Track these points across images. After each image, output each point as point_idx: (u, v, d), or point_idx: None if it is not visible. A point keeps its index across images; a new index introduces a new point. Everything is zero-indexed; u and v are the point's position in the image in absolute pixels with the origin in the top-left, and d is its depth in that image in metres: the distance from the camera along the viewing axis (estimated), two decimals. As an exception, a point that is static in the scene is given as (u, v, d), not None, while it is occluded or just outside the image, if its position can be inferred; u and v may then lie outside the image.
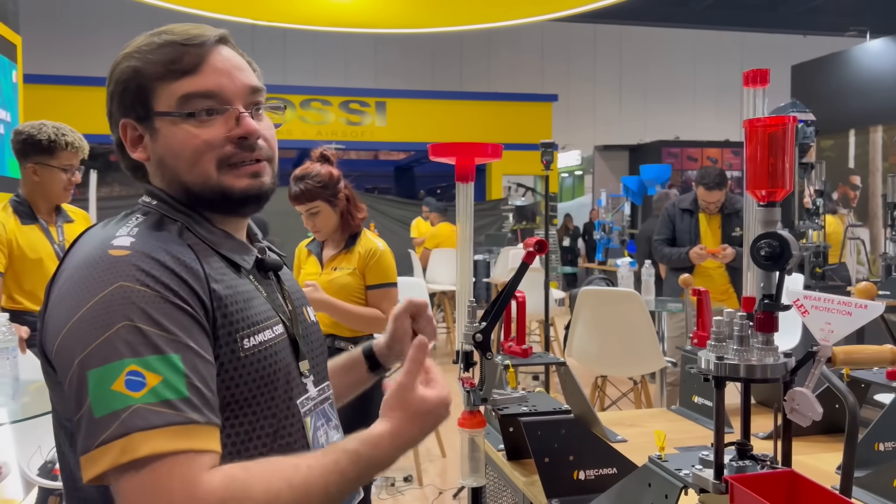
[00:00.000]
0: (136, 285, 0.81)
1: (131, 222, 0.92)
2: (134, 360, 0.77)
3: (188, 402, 0.78)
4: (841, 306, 0.96)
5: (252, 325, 0.91)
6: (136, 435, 0.74)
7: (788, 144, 0.97)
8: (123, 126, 0.97)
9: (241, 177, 0.96)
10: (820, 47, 12.28)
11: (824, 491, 0.92)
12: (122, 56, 0.96)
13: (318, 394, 1.04)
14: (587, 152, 15.42)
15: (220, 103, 0.94)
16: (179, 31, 0.96)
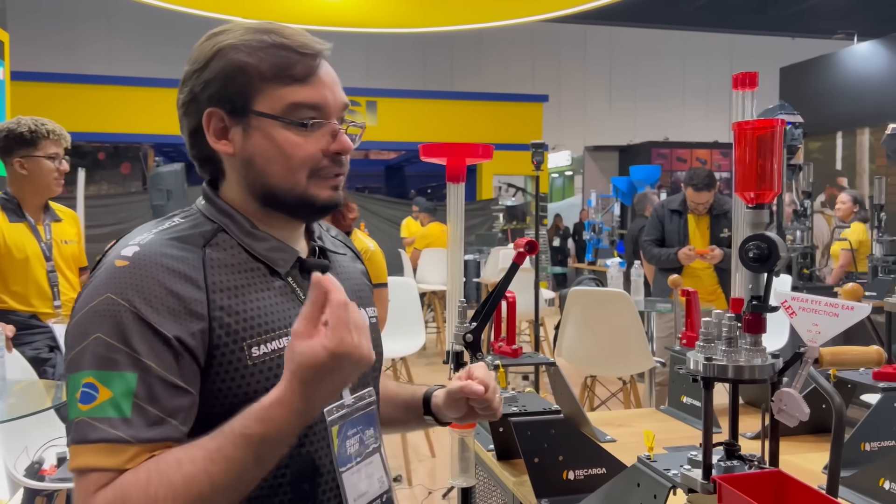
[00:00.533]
0: (119, 299, 0.83)
1: (158, 227, 0.93)
2: (92, 372, 0.81)
3: (127, 422, 0.80)
4: (828, 308, 0.97)
5: (265, 332, 0.91)
6: (76, 446, 0.80)
7: (777, 147, 0.98)
8: (210, 114, 0.95)
9: (326, 188, 0.97)
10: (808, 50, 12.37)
11: (811, 491, 0.93)
12: (226, 46, 0.94)
13: (355, 401, 1.00)
14: (577, 153, 15.45)
15: (322, 116, 0.95)
16: (290, 34, 0.95)
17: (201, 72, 0.94)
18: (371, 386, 1.06)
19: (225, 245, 0.94)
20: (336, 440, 0.95)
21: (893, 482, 1.30)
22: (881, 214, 4.88)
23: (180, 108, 0.98)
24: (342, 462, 0.96)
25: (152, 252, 0.88)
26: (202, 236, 0.93)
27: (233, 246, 0.94)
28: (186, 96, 0.96)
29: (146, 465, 0.80)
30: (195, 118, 0.96)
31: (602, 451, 1.43)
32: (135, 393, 0.81)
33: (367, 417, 1.02)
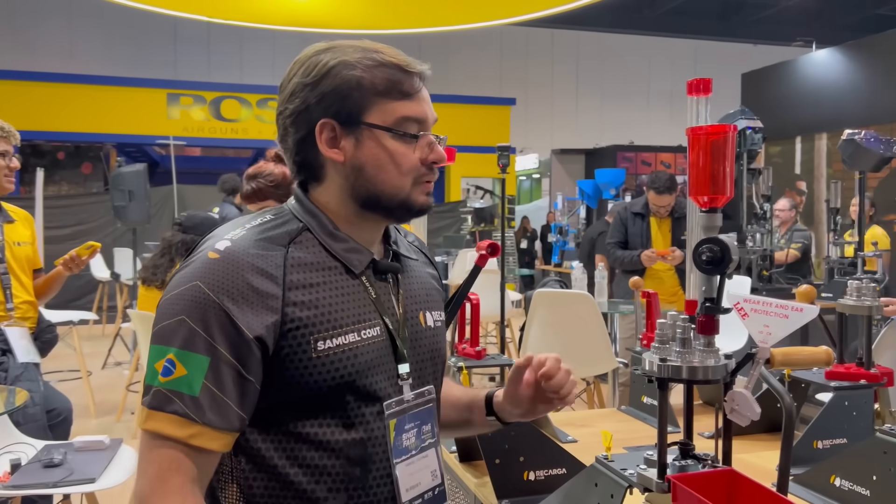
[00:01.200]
0: (206, 288, 0.94)
1: (254, 221, 1.03)
2: (174, 350, 0.92)
3: (195, 401, 0.91)
4: (778, 309, 0.99)
5: (332, 328, 0.99)
6: (149, 410, 0.92)
7: (729, 152, 1.00)
8: (323, 125, 1.02)
9: (422, 194, 1.07)
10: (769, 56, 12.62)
11: (762, 489, 0.95)
12: (340, 63, 1.01)
13: (415, 397, 1.08)
14: (545, 156, 15.56)
15: (423, 129, 1.05)
16: (394, 54, 1.04)
17: (316, 85, 1.02)
18: (431, 384, 1.12)
19: (308, 243, 1.02)
20: (393, 432, 1.03)
21: (844, 479, 1.33)
22: (837, 217, 5.00)
23: (288, 117, 1.04)
24: (397, 454, 1.04)
25: (241, 249, 0.97)
26: (288, 234, 1.02)
27: (314, 244, 1.03)
28: (298, 106, 1.03)
29: None
30: (305, 127, 1.03)
31: (562, 451, 1.45)
32: (206, 375, 0.91)
33: (425, 413, 1.10)
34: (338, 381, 0.98)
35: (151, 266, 3.67)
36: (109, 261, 8.07)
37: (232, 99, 12.02)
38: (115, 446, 2.34)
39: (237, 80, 12.88)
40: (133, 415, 4.74)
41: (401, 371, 1.05)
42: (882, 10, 13.62)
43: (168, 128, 11.09)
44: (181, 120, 11.79)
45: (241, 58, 13.90)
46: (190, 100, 11.90)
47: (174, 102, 11.84)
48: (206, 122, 11.97)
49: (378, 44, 1.06)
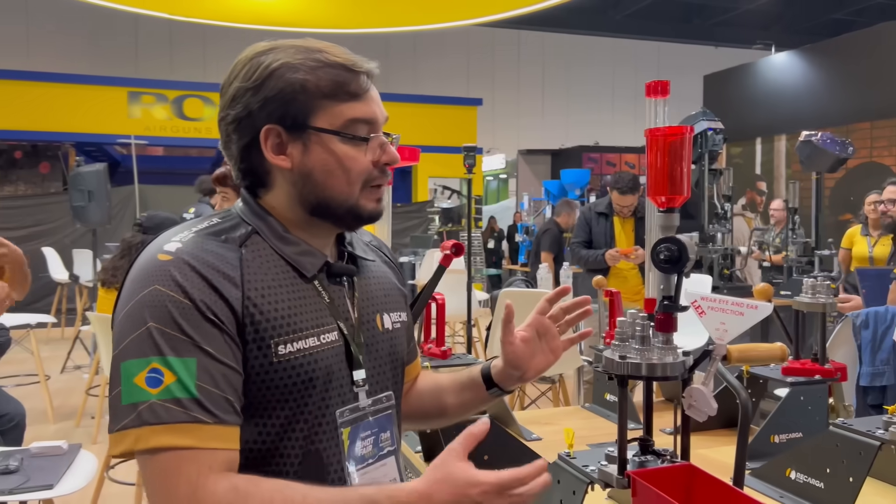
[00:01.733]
0: (168, 290, 0.89)
1: (199, 226, 0.98)
2: (156, 358, 0.86)
3: (196, 402, 0.86)
4: (734, 307, 1.01)
5: (291, 332, 0.95)
6: (147, 428, 0.84)
7: (687, 153, 1.02)
8: (268, 131, 0.98)
9: (372, 200, 1.03)
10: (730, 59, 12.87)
11: (719, 483, 0.97)
12: (282, 65, 0.97)
13: (373, 404, 1.04)
14: (511, 156, 15.65)
15: (373, 130, 1.02)
16: (339, 53, 1.00)
17: (258, 90, 0.97)
18: (391, 390, 1.09)
19: (258, 247, 0.98)
20: (347, 441, 1.00)
21: (799, 472, 1.37)
22: (795, 217, 5.12)
23: (231, 123, 1.00)
24: (353, 462, 1.01)
25: (194, 249, 0.93)
26: (239, 238, 0.98)
27: (265, 248, 0.99)
28: (240, 112, 0.99)
29: (271, 482, 0.87)
30: (249, 134, 0.99)
31: (526, 449, 1.46)
32: (197, 375, 0.87)
33: (384, 420, 1.06)
34: (298, 387, 0.95)
35: (111, 268, 3.60)
36: (69, 262, 7.91)
37: (195, 98, 11.84)
38: (74, 452, 2.29)
39: (200, 79, 12.70)
40: (93, 419, 4.65)
41: (356, 378, 1.02)
42: (838, 14, 13.97)
43: (129, 127, 10.88)
44: (143, 119, 11.58)
45: (205, 56, 13.71)
46: (152, 98, 11.69)
47: (135, 101, 11.62)
48: (168, 121, 11.77)
49: (322, 42, 1.02)
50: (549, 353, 1.16)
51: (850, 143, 4.79)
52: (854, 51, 8.65)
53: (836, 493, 1.28)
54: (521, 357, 1.14)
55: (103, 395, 4.55)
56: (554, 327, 1.16)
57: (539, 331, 1.16)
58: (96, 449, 3.58)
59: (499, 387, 1.19)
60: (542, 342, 1.16)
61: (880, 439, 1.25)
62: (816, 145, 4.74)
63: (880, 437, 1.26)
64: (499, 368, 1.18)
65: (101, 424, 4.53)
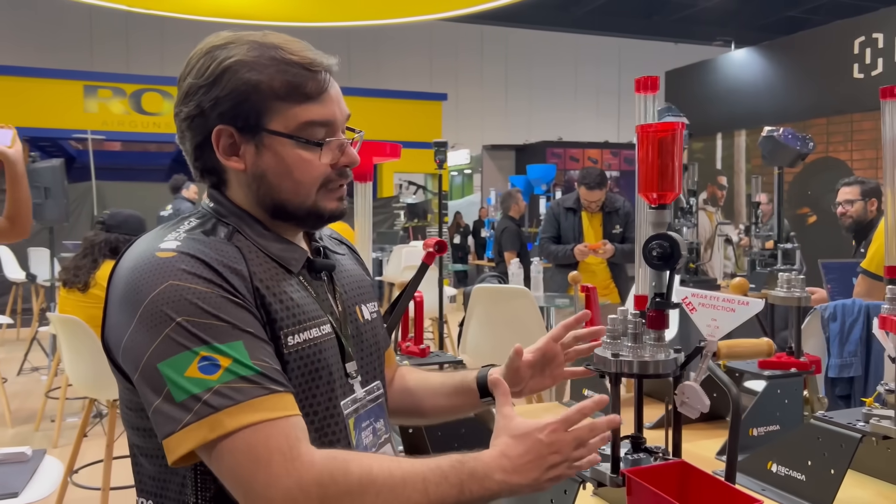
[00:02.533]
0: (186, 283, 0.85)
1: (182, 227, 0.95)
2: (202, 347, 0.83)
3: (262, 376, 0.84)
4: (725, 303, 1.02)
5: (297, 322, 0.94)
6: (221, 413, 0.80)
7: (677, 149, 1.01)
8: (220, 131, 0.95)
9: (333, 200, 1.01)
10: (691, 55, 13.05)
11: (712, 478, 0.97)
12: (235, 63, 0.93)
13: (366, 394, 1.05)
14: (476, 151, 15.67)
15: (332, 132, 0.98)
16: (297, 50, 0.96)
17: (210, 88, 0.94)
18: (378, 380, 1.10)
19: (243, 245, 0.96)
20: (353, 432, 1.00)
21: (781, 465, 1.38)
22: (758, 211, 5.21)
23: (184, 120, 0.97)
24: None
25: (194, 245, 0.90)
26: (227, 235, 0.96)
27: (249, 245, 0.97)
28: (193, 110, 0.95)
29: (363, 455, 0.87)
30: (201, 133, 0.96)
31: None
32: (249, 354, 0.84)
33: (377, 409, 1.08)
34: (310, 378, 0.94)
35: (73, 267, 3.49)
36: (24, 261, 7.67)
37: (153, 92, 11.58)
38: (38, 458, 2.21)
39: (158, 73, 12.43)
40: (53, 422, 4.52)
41: (349, 369, 1.03)
42: (792, 12, 14.27)
43: (85, 121, 10.59)
44: (99, 113, 11.28)
45: (163, 49, 13.42)
46: (109, 92, 11.40)
47: (91, 95, 11.32)
48: (126, 115, 11.49)
49: (281, 37, 0.98)
50: (549, 378, 1.21)
51: (810, 139, 4.89)
52: (810, 48, 8.85)
53: (817, 486, 1.30)
54: (523, 378, 1.19)
55: (63, 397, 4.43)
56: (562, 355, 1.20)
57: (547, 355, 1.19)
58: (57, 453, 3.48)
59: (493, 396, 1.18)
60: (546, 368, 1.20)
61: (861, 431, 1.27)
62: (778, 140, 4.83)
63: (861, 429, 1.28)
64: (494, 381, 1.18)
65: (60, 427, 4.41)
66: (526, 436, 0.88)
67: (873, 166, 7.91)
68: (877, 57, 7.82)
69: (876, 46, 7.84)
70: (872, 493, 1.37)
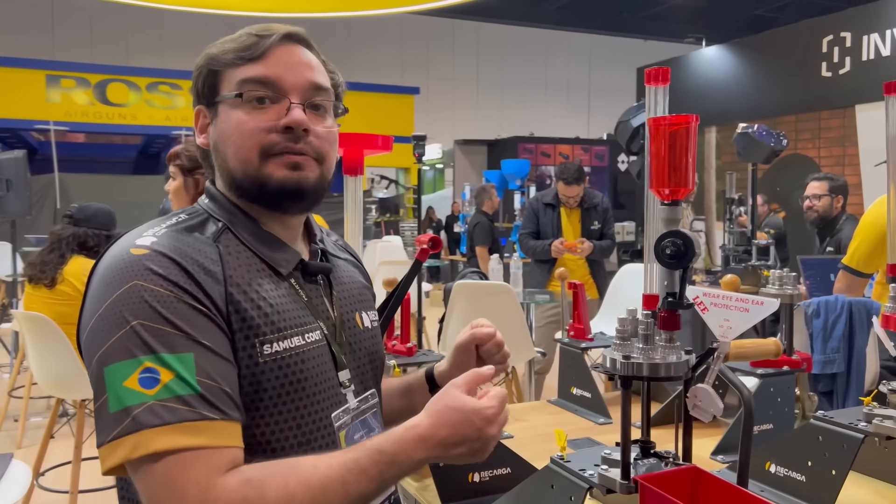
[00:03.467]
0: (150, 284, 0.82)
1: (167, 222, 0.92)
2: (148, 357, 0.79)
3: (201, 399, 0.79)
4: (738, 303, 0.98)
5: (276, 330, 0.89)
6: (147, 431, 0.76)
7: (691, 143, 0.98)
8: (197, 113, 0.97)
9: (280, 167, 0.93)
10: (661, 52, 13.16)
11: (724, 484, 0.94)
12: (204, 55, 0.97)
13: (360, 404, 1.01)
14: (448, 146, 15.62)
15: (274, 92, 0.93)
16: (261, 27, 0.96)
17: (195, 79, 0.97)
18: (373, 388, 1.06)
19: (231, 244, 0.92)
20: (344, 444, 0.96)
21: (780, 466, 1.36)
22: (732, 207, 5.25)
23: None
24: None
25: (171, 243, 0.86)
26: (212, 234, 0.92)
27: (237, 245, 0.93)
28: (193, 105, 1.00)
29: (279, 464, 0.81)
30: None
31: (507, 450, 1.40)
32: (196, 370, 0.80)
33: (372, 418, 1.04)
34: (287, 389, 0.89)
35: (39, 263, 3.36)
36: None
37: (119, 82, 11.32)
38: (5, 462, 2.12)
39: (124, 63, 12.14)
40: (16, 422, 4.37)
41: (342, 378, 0.98)
42: (760, 10, 14.46)
43: (48, 112, 10.32)
44: (63, 104, 11.00)
45: (127, 39, 13.11)
46: (72, 82, 11.11)
47: (54, 85, 11.02)
48: (90, 106, 11.22)
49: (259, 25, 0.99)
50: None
51: (783, 136, 4.94)
52: (779, 46, 8.97)
53: (818, 487, 1.28)
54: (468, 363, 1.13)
55: (27, 395, 4.30)
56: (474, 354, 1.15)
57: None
58: (21, 454, 3.36)
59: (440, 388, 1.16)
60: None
61: (864, 432, 1.26)
62: (753, 137, 4.87)
63: (864, 429, 1.26)
64: (442, 371, 1.17)
65: (24, 427, 4.28)
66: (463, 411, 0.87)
67: (840, 163, 8.05)
68: (844, 55, 7.95)
69: (844, 45, 7.96)
70: (870, 493, 1.36)
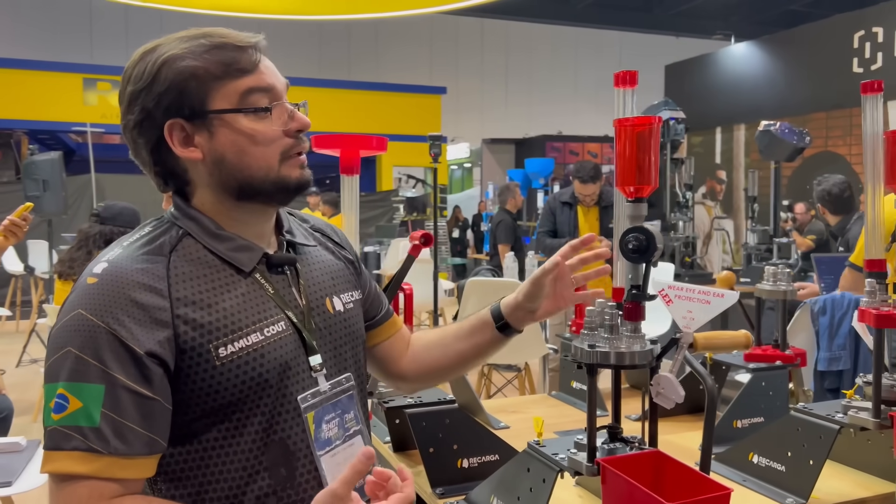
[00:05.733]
0: (89, 315, 0.89)
1: (131, 238, 0.98)
2: (64, 384, 0.87)
3: (97, 432, 0.86)
4: (700, 295, 1.03)
5: (230, 332, 0.95)
6: (48, 452, 0.86)
7: (654, 143, 1.02)
8: (171, 126, 0.96)
9: (295, 168, 1.01)
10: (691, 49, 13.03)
11: (686, 468, 0.99)
12: (169, 57, 0.95)
13: (332, 387, 1.05)
14: (475, 145, 15.65)
15: (274, 98, 0.99)
16: (224, 34, 0.98)
17: (150, 88, 0.96)
18: (350, 371, 1.09)
19: (190, 249, 0.98)
20: (312, 425, 1.00)
21: (762, 456, 1.40)
22: (754, 205, 5.22)
23: (133, 129, 0.98)
24: (320, 446, 1.01)
25: (119, 268, 0.93)
26: (168, 243, 0.97)
27: (198, 249, 0.98)
28: (139, 115, 0.97)
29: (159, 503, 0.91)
30: (154, 134, 0.97)
31: (495, 438, 1.46)
32: (103, 403, 0.86)
33: (346, 401, 1.07)
34: (249, 385, 0.95)
35: (68, 259, 3.50)
36: (23, 254, 7.70)
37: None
38: (33, 448, 2.24)
39: (158, 66, 12.42)
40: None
41: (312, 363, 1.02)
42: (794, 5, 14.23)
43: (85, 114, 10.60)
44: (99, 106, 11.29)
45: (163, 42, 13.41)
46: (108, 85, 11.40)
47: (91, 88, 11.32)
48: (125, 108, 11.51)
49: (205, 28, 1.00)
50: (559, 300, 1.20)
51: (807, 133, 4.89)
52: (810, 42, 8.84)
53: (796, 476, 1.32)
54: (543, 292, 1.17)
55: (61, 389, 4.46)
56: (569, 276, 1.19)
57: (556, 274, 1.18)
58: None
59: (508, 323, 1.21)
60: (555, 286, 1.19)
61: (839, 423, 1.29)
62: (775, 135, 4.83)
63: (839, 420, 1.29)
64: (509, 306, 1.21)
65: (59, 419, 4.43)
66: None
67: (872, 161, 7.91)
68: (876, 51, 7.81)
69: (875, 40, 7.83)
70: (851, 484, 1.39)
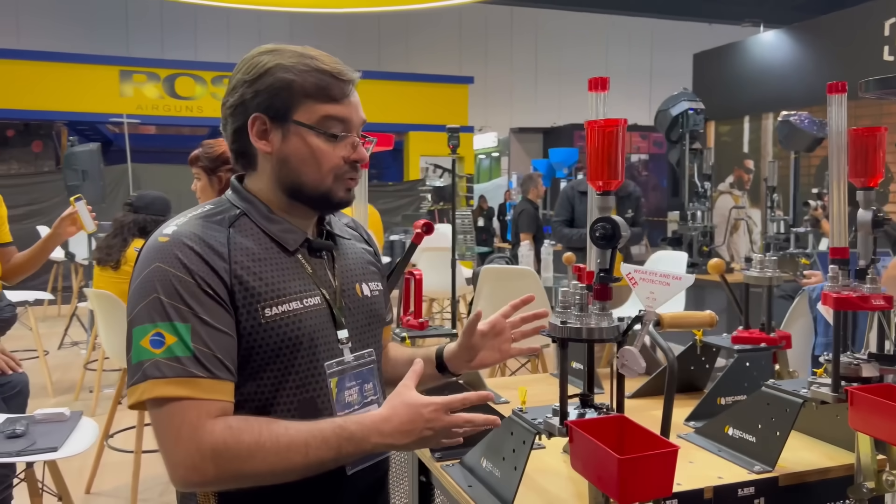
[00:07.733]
0: (168, 267, 1.05)
1: (194, 212, 1.16)
2: (159, 324, 1.03)
3: (193, 360, 1.02)
4: (661, 278, 1.15)
5: (276, 297, 1.11)
6: (151, 381, 1.01)
7: (621, 142, 1.14)
8: (255, 118, 1.14)
9: (342, 189, 1.19)
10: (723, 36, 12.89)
11: (646, 431, 1.11)
12: (276, 65, 1.14)
13: (356, 359, 1.22)
14: (503, 134, 15.69)
15: (347, 130, 1.17)
16: (329, 62, 1.16)
17: (253, 83, 1.14)
18: (371, 347, 1.27)
19: (246, 227, 1.15)
20: (335, 389, 1.17)
21: (736, 429, 1.51)
22: (774, 195, 5.25)
23: (228, 108, 1.18)
24: (340, 408, 1.17)
25: (188, 230, 1.10)
26: (228, 219, 1.15)
27: (252, 228, 1.16)
28: (237, 100, 1.16)
29: (259, 420, 1.04)
30: (241, 119, 1.16)
31: (491, 410, 1.60)
32: (192, 338, 1.03)
33: (367, 373, 1.24)
34: (287, 344, 1.11)
35: (105, 247, 3.72)
36: (64, 242, 7.98)
37: (186, 76, 11.86)
38: (76, 418, 2.43)
39: (192, 58, 12.70)
40: (91, 393, 4.79)
41: (340, 336, 1.20)
42: (829, -8, 13.97)
43: (121, 105, 10.92)
44: (135, 98, 11.61)
45: (196, 35, 13.69)
46: (143, 77, 11.71)
47: (127, 80, 11.64)
48: (160, 99, 11.81)
49: (318, 51, 1.18)
50: (497, 353, 1.39)
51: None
52: (839, 30, 8.73)
53: (765, 446, 1.43)
54: (475, 346, 1.38)
55: (101, 369, 4.69)
56: (509, 332, 1.39)
57: (496, 329, 1.38)
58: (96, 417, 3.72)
59: (446, 367, 1.40)
60: (494, 340, 1.38)
61: (803, 397, 1.40)
62: (794, 125, 4.86)
63: (803, 395, 1.40)
64: (451, 351, 1.40)
65: (98, 398, 4.67)
66: (413, 406, 1.07)
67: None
68: (907, 39, 7.70)
69: (906, 28, 7.71)
70: (819, 455, 1.50)
